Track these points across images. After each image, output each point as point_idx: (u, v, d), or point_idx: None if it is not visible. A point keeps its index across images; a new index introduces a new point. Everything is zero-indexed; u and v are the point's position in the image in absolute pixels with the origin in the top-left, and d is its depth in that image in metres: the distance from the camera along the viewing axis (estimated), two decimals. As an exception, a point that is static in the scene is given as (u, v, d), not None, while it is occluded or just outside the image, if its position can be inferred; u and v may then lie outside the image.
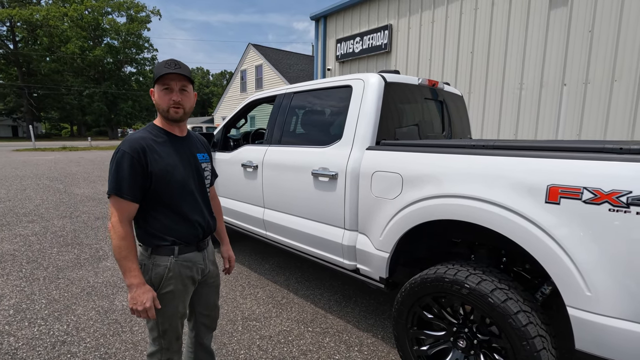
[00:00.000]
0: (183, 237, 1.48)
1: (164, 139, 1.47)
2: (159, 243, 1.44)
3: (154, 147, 1.41)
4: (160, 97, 1.42)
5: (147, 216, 1.44)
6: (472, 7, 6.75)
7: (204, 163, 1.62)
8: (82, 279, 3.41)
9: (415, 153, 2.04)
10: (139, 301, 1.34)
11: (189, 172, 1.51)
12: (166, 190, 1.42)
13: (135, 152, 1.35)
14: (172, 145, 1.48)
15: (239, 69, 25.04)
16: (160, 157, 1.41)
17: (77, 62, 43.08)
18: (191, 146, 1.56)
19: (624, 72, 5.04)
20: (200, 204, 1.55)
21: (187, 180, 1.49)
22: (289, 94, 3.10)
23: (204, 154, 1.63)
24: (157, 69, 1.41)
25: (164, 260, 1.44)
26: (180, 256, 1.47)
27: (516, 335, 1.55)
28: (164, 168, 1.40)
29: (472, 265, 1.82)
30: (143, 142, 1.39)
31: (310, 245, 2.71)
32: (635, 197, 1.30)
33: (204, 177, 1.60)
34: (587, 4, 5.34)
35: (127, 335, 2.50)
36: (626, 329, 1.36)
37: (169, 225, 1.45)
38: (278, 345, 2.43)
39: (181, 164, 1.47)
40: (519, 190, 1.59)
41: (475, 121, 6.80)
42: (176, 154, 1.47)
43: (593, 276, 1.41)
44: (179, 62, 1.43)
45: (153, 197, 1.41)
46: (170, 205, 1.45)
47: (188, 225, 1.49)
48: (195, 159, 1.56)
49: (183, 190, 1.47)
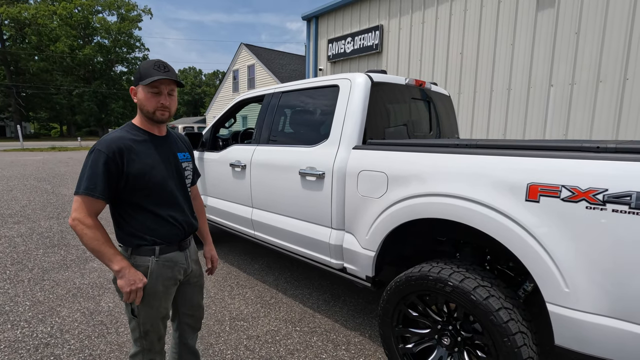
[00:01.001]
0: (164, 236, 1.46)
1: (143, 138, 1.45)
2: (139, 243, 1.42)
3: (132, 146, 1.39)
4: (147, 99, 1.40)
5: (126, 216, 1.42)
6: (462, 8, 6.81)
7: (185, 162, 1.60)
8: (68, 280, 3.37)
9: (400, 152, 2.05)
10: (136, 279, 1.35)
11: (169, 171, 1.49)
12: (145, 190, 1.41)
13: (111, 152, 1.33)
14: (152, 144, 1.46)
15: (231, 69, 24.94)
16: (138, 157, 1.39)
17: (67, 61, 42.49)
18: (171, 145, 1.55)
19: (609, 74, 5.13)
20: (181, 203, 1.53)
21: (167, 180, 1.47)
22: (277, 94, 3.10)
23: (184, 153, 1.62)
24: (144, 70, 1.38)
25: (145, 260, 1.43)
26: (161, 256, 1.45)
27: (497, 331, 1.57)
28: (142, 168, 1.39)
29: (456, 264, 1.84)
30: (120, 143, 1.36)
31: (298, 245, 2.71)
32: (611, 195, 1.33)
33: (184, 176, 1.59)
34: (573, 7, 5.42)
35: (113, 336, 2.47)
36: (603, 325, 1.38)
37: (149, 225, 1.43)
38: (265, 344, 2.43)
39: (161, 164, 1.46)
40: (501, 189, 1.62)
41: (465, 121, 6.86)
42: (155, 153, 1.45)
43: (571, 273, 1.43)
44: (166, 64, 1.42)
45: (132, 197, 1.40)
46: (150, 205, 1.43)
47: (169, 224, 1.48)
48: (176, 158, 1.55)
49: (163, 189, 1.45)
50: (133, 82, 1.43)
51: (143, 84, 1.38)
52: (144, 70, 1.38)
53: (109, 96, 45.44)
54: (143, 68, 1.39)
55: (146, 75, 1.37)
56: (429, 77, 7.44)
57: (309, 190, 2.54)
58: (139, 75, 1.39)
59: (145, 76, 1.37)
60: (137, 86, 1.41)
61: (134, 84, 1.42)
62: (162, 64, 1.41)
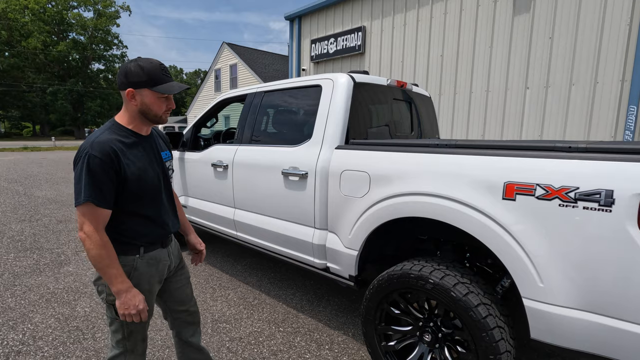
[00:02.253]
0: (150, 238, 1.46)
1: (132, 140, 1.40)
2: (125, 248, 1.40)
3: (124, 150, 1.34)
4: (156, 103, 1.36)
5: (115, 222, 1.37)
6: (442, 11, 6.95)
7: (168, 161, 1.59)
8: (41, 285, 3.24)
9: (382, 152, 2.08)
10: (131, 305, 1.32)
11: (157, 173, 1.47)
12: (138, 194, 1.38)
13: (107, 156, 1.26)
14: (141, 146, 1.42)
15: (213, 68, 24.60)
16: (132, 161, 1.35)
17: (40, 57, 40.85)
18: (156, 145, 1.53)
19: (581, 77, 5.35)
20: (166, 205, 1.53)
21: (156, 182, 1.46)
22: (259, 93, 3.07)
23: (166, 151, 1.60)
24: (154, 75, 1.33)
25: (129, 260, 1.41)
26: (145, 255, 1.45)
27: (476, 327, 1.61)
28: (136, 172, 1.35)
29: (437, 261, 1.87)
30: (113, 145, 1.30)
31: (281, 245, 2.70)
32: (582, 193, 1.38)
33: (169, 176, 1.58)
34: (547, 12, 5.62)
35: (89, 342, 2.40)
36: (575, 317, 1.44)
37: (137, 229, 1.42)
38: (248, 346, 2.41)
39: (150, 166, 1.44)
40: (479, 188, 1.66)
41: (446, 122, 7.00)
42: (145, 156, 1.43)
43: (545, 268, 1.48)
44: (166, 68, 1.41)
45: (123, 201, 1.36)
46: (138, 208, 1.41)
47: (156, 226, 1.47)
48: (161, 158, 1.53)
49: (154, 192, 1.44)
50: (131, 84, 1.32)
51: (160, 91, 1.34)
52: (153, 74, 1.33)
53: (85, 95, 43.90)
54: (149, 72, 1.33)
55: (157, 80, 1.33)
56: (411, 78, 7.56)
57: (291, 190, 2.53)
58: (146, 79, 1.32)
59: (158, 81, 1.33)
60: (142, 89, 1.33)
61: (134, 86, 1.32)
62: (166, 68, 1.39)
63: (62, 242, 4.48)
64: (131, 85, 1.32)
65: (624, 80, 4.99)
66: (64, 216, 5.74)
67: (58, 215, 5.76)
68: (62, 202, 6.75)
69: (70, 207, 6.35)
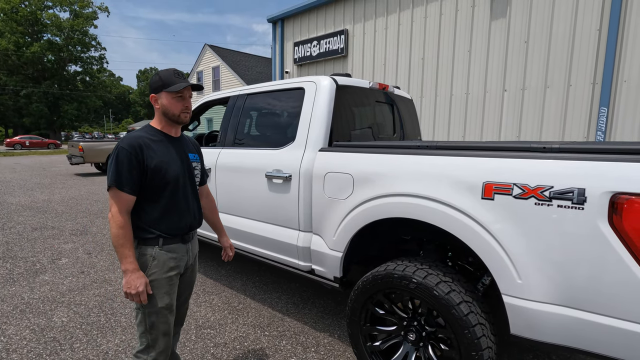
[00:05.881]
0: (170, 230, 1.58)
1: (160, 138, 1.59)
2: (146, 236, 1.54)
3: (150, 145, 1.53)
4: (172, 104, 1.56)
5: (138, 210, 1.53)
6: (422, 15, 7.09)
7: (195, 162, 1.75)
8: (15, 295, 3.11)
9: (365, 154, 2.10)
10: (132, 285, 1.45)
11: (182, 169, 1.63)
12: (160, 185, 1.54)
13: (132, 148, 1.47)
14: (167, 144, 1.60)
15: (195, 70, 24.30)
16: (156, 154, 1.53)
17: (12, 59, 39.32)
18: (184, 146, 1.70)
19: (555, 80, 5.55)
20: (189, 200, 1.67)
21: (180, 177, 1.61)
22: (242, 96, 3.06)
23: (194, 154, 1.77)
24: (167, 78, 1.54)
25: (149, 250, 1.54)
26: (164, 246, 1.57)
27: (458, 324, 1.64)
28: (159, 164, 1.52)
29: (420, 261, 1.90)
30: (140, 140, 1.51)
31: (266, 249, 2.68)
32: (556, 192, 1.44)
33: (194, 175, 1.73)
34: (522, 17, 5.82)
35: (67, 353, 2.32)
36: (552, 312, 1.49)
37: (158, 219, 1.55)
38: (233, 351, 2.38)
39: (175, 161, 1.60)
40: (459, 188, 1.69)
41: (427, 124, 7.13)
42: (171, 152, 1.60)
43: (523, 265, 1.53)
44: (181, 72, 1.62)
45: (147, 191, 1.52)
46: (162, 199, 1.55)
47: (177, 218, 1.60)
48: (187, 157, 1.69)
49: (176, 185, 1.59)
50: (152, 90, 1.58)
51: (170, 90, 1.53)
52: (166, 78, 1.55)
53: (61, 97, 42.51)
54: (164, 76, 1.55)
55: (170, 82, 1.54)
56: (393, 81, 7.67)
57: (275, 193, 2.52)
58: (162, 83, 1.54)
59: (170, 83, 1.54)
60: (160, 93, 1.56)
61: (155, 91, 1.57)
62: (180, 72, 1.60)
63: (37, 250, 4.32)
64: (153, 91, 1.59)
65: (595, 83, 5.21)
66: (39, 223, 5.54)
67: (33, 223, 5.55)
68: (37, 209, 6.51)
69: (46, 214, 6.13)
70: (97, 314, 2.82)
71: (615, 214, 1.34)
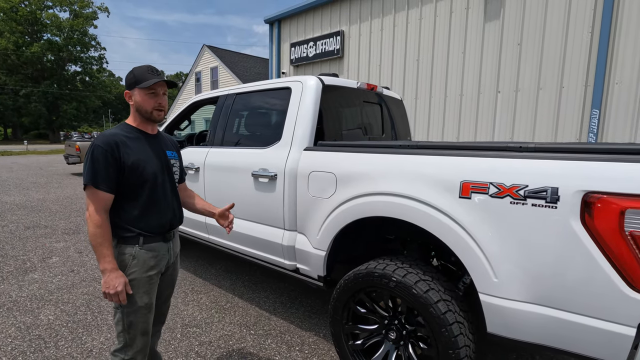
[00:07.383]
0: (150, 228, 1.56)
1: (136, 135, 1.57)
2: (126, 234, 1.51)
3: (126, 142, 1.51)
4: (145, 100, 1.54)
5: (117, 208, 1.51)
6: (417, 17, 7.11)
7: (173, 159, 1.73)
8: (3, 293, 3.11)
9: (347, 153, 2.11)
10: (111, 285, 1.43)
11: (160, 166, 1.61)
12: (138, 183, 1.51)
13: (107, 145, 1.44)
14: (144, 141, 1.58)
15: (194, 71, 24.31)
16: (132, 151, 1.51)
17: (12, 58, 39.31)
18: (161, 144, 1.68)
19: (547, 81, 5.56)
20: (169, 197, 1.65)
21: (158, 174, 1.59)
22: (231, 95, 3.06)
23: (173, 151, 1.75)
24: (139, 75, 1.52)
25: (129, 249, 1.52)
26: (145, 245, 1.55)
27: (436, 322, 1.65)
28: (135, 161, 1.50)
29: (400, 260, 1.91)
30: (116, 138, 1.48)
31: (252, 247, 2.68)
32: (531, 191, 1.44)
33: (173, 172, 1.71)
34: (515, 19, 5.84)
35: (51, 350, 2.32)
36: (527, 311, 1.50)
37: (137, 217, 1.53)
38: (217, 350, 2.38)
39: (153, 159, 1.58)
40: (437, 187, 1.70)
41: (422, 125, 7.14)
42: (148, 149, 1.58)
43: (499, 264, 1.54)
44: (156, 68, 1.59)
45: (125, 189, 1.50)
46: (141, 197, 1.53)
47: (156, 217, 1.58)
48: (165, 155, 1.67)
49: (154, 182, 1.57)
50: (126, 87, 1.57)
51: (142, 86, 1.50)
52: (139, 74, 1.52)
53: (60, 97, 42.47)
54: (137, 73, 1.53)
55: (142, 79, 1.51)
56: (388, 82, 7.68)
57: (261, 192, 2.53)
58: (135, 80, 1.52)
59: (142, 80, 1.51)
60: (133, 89, 1.54)
61: (128, 88, 1.56)
62: (154, 69, 1.57)
63: (28, 248, 4.32)
64: (127, 87, 1.57)
65: (587, 85, 5.22)
66: (32, 222, 5.54)
67: (26, 222, 5.55)
68: (31, 208, 6.51)
69: (40, 213, 6.13)
70: (84, 312, 2.83)
71: (588, 213, 1.35)
